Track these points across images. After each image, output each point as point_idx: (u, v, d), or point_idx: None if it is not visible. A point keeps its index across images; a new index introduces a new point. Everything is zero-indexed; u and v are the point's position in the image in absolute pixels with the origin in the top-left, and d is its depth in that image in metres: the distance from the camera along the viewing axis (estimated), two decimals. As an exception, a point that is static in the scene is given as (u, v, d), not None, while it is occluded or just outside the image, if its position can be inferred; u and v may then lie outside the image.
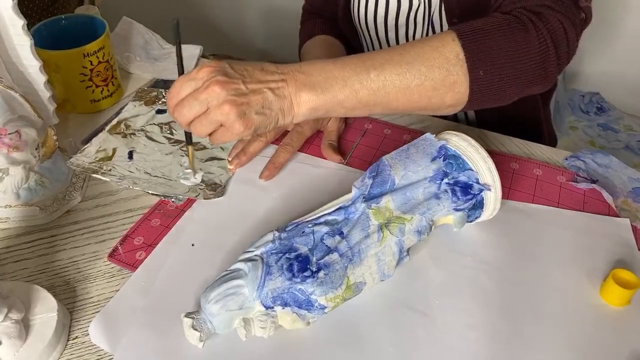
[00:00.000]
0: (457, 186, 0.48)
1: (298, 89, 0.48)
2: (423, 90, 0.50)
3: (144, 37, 0.83)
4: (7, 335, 0.41)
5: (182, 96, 0.47)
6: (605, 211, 0.56)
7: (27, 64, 0.54)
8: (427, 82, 0.49)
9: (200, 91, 0.46)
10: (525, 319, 0.46)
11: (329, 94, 0.49)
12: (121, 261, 0.50)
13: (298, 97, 0.48)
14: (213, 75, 0.46)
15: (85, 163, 0.58)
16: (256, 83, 0.48)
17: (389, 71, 0.49)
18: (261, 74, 0.48)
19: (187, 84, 0.47)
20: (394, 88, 0.49)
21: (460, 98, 0.51)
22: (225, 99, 0.46)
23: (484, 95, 0.51)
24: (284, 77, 0.48)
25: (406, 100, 0.50)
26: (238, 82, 0.47)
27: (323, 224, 0.47)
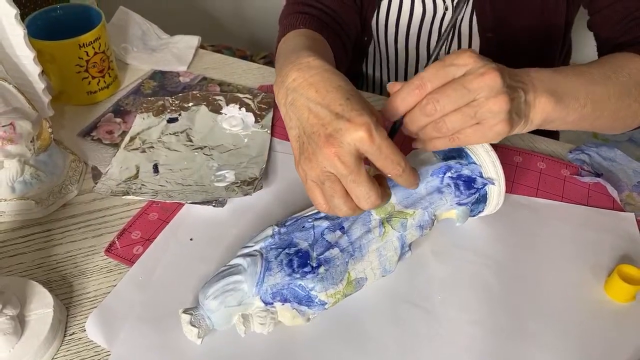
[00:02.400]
0: (460, 180, 0.48)
1: (538, 94, 0.43)
2: (629, 112, 0.50)
3: (141, 28, 0.81)
4: (3, 332, 0.40)
5: (437, 85, 0.40)
6: (610, 205, 0.55)
7: (20, 54, 0.53)
8: (636, 105, 0.50)
9: (471, 79, 0.39)
10: (528, 314, 0.45)
11: (563, 103, 0.45)
12: (118, 256, 0.50)
13: (537, 104, 0.44)
14: (485, 62, 0.40)
15: (113, 186, 0.55)
16: (514, 79, 0.42)
17: (609, 89, 0.48)
18: (510, 71, 0.42)
19: (444, 70, 0.40)
20: (609, 105, 0.48)
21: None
22: (500, 90, 0.40)
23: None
24: (524, 80, 0.43)
25: (612, 118, 0.50)
26: (505, 73, 0.41)
27: (323, 219, 0.46)
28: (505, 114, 0.40)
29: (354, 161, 0.38)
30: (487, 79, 0.39)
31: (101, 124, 0.65)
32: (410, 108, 0.42)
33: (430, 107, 0.40)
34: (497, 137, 0.42)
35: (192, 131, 0.63)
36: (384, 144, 0.38)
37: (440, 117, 0.41)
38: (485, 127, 0.41)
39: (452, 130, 0.41)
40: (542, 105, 0.44)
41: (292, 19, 0.64)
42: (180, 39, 0.80)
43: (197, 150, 0.61)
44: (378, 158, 0.39)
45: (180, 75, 0.74)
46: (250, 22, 1.63)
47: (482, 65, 0.40)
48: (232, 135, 0.63)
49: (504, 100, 0.40)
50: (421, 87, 0.40)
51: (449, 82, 0.40)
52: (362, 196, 0.39)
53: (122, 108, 0.68)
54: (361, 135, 0.37)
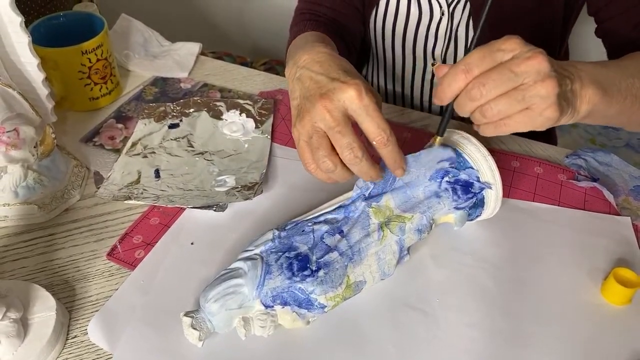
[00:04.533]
0: (457, 184, 0.48)
1: (584, 84, 0.42)
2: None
3: (143, 35, 0.82)
4: (6, 335, 0.41)
5: (483, 69, 0.39)
6: (606, 209, 0.56)
7: (25, 61, 0.54)
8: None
9: (518, 63, 0.38)
10: (526, 317, 0.46)
11: (607, 94, 0.44)
12: (120, 260, 0.50)
13: (583, 94, 0.42)
14: (531, 47, 0.39)
15: (115, 191, 0.56)
16: (560, 67, 0.41)
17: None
18: (556, 62, 0.41)
19: (491, 55, 0.39)
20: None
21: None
22: (549, 74, 0.39)
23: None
24: (569, 69, 0.42)
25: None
26: (551, 60, 0.40)
27: (323, 223, 0.47)
28: (555, 98, 0.39)
29: (341, 116, 0.42)
30: (535, 63, 0.38)
31: (103, 130, 0.66)
32: (457, 93, 0.41)
33: (476, 91, 0.39)
34: (546, 122, 0.40)
35: (193, 137, 0.64)
36: (371, 106, 0.41)
37: (487, 102, 0.39)
38: (535, 112, 0.40)
39: (499, 115, 0.40)
40: (590, 96, 0.43)
41: (301, 25, 0.68)
42: (182, 46, 0.81)
43: (198, 155, 0.61)
44: (364, 119, 0.41)
45: (181, 82, 0.75)
46: (251, 30, 1.64)
47: (529, 49, 0.39)
48: (232, 141, 0.63)
49: (553, 83, 0.39)
50: (467, 72, 0.39)
51: (495, 66, 0.39)
52: (345, 146, 0.41)
53: (124, 114, 0.69)
54: (351, 93, 0.41)
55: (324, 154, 0.43)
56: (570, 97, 0.42)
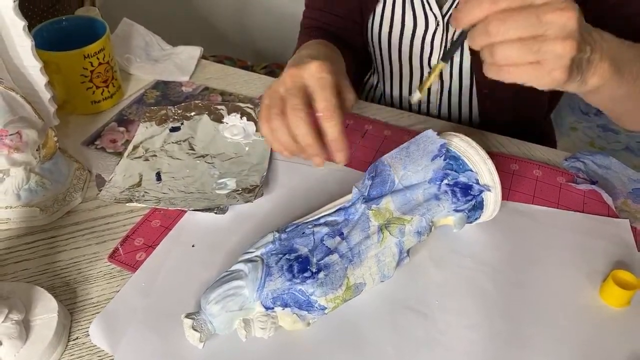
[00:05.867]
0: (457, 187, 0.48)
1: (603, 57, 0.41)
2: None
3: (144, 39, 0.83)
4: (8, 336, 0.41)
5: (511, 5, 0.37)
6: (605, 212, 0.56)
7: (28, 65, 0.54)
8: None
9: (548, 10, 0.36)
10: (525, 319, 0.46)
11: (620, 73, 0.43)
12: (121, 262, 0.51)
13: (599, 67, 0.41)
14: (566, 1, 0.37)
15: (117, 193, 0.56)
16: (586, 32, 0.39)
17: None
18: (587, 26, 0.40)
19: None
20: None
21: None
22: (572, 34, 0.37)
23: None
24: (594, 38, 0.41)
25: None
26: (582, 20, 0.38)
27: (323, 225, 0.47)
28: (568, 61, 0.37)
29: (298, 84, 0.46)
30: (565, 16, 0.36)
31: (105, 133, 0.66)
32: (475, 21, 0.38)
33: (494, 26, 0.37)
34: (551, 83, 0.39)
35: (194, 140, 0.64)
36: (325, 82, 0.45)
37: (500, 42, 0.37)
38: (544, 69, 0.38)
39: (507, 61, 0.38)
40: (602, 70, 0.41)
41: (307, 37, 0.71)
42: (183, 50, 0.82)
43: (199, 158, 0.62)
44: (316, 90, 0.45)
45: (182, 85, 0.75)
46: (252, 34, 1.65)
47: (562, 1, 0.37)
48: (233, 144, 0.64)
49: (572, 45, 0.37)
50: (493, 3, 0.37)
51: (524, 6, 0.37)
52: (291, 106, 0.45)
53: (125, 117, 0.69)
54: (312, 68, 0.46)
55: (275, 112, 0.46)
56: (585, 65, 0.40)
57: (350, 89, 0.51)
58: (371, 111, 0.70)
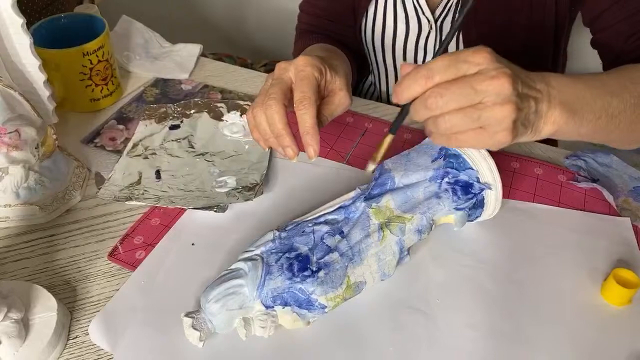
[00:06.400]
0: (457, 185, 0.48)
1: (552, 106, 0.41)
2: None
3: (143, 36, 0.82)
4: (7, 335, 0.41)
5: (445, 78, 0.38)
6: (606, 210, 0.56)
7: (26, 62, 0.54)
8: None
9: (480, 80, 0.37)
10: (526, 318, 0.46)
11: (577, 116, 0.43)
12: (121, 260, 0.50)
13: (549, 116, 0.42)
14: (499, 65, 0.38)
15: (116, 192, 0.56)
16: (527, 87, 0.40)
17: (627, 100, 0.46)
18: (526, 77, 0.40)
19: (456, 65, 0.38)
20: (625, 118, 0.46)
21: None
22: (509, 98, 0.38)
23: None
24: (539, 88, 0.41)
25: (627, 130, 0.48)
26: (518, 81, 0.39)
27: (323, 224, 0.47)
28: (509, 124, 0.38)
29: (283, 77, 0.48)
30: (497, 84, 0.37)
31: (104, 131, 0.66)
32: (415, 96, 0.40)
33: (432, 100, 0.38)
34: (498, 145, 0.40)
35: (193, 138, 0.64)
36: (305, 74, 0.46)
37: (441, 114, 0.39)
38: (488, 133, 0.39)
39: (452, 130, 0.39)
40: (555, 118, 0.42)
41: (306, 40, 0.72)
42: (182, 47, 0.81)
43: (199, 156, 0.62)
44: (296, 82, 0.47)
45: (182, 83, 0.75)
46: (251, 31, 1.64)
47: (496, 67, 0.38)
48: (233, 142, 0.64)
49: (510, 109, 0.38)
50: (428, 78, 0.38)
51: (458, 78, 0.38)
52: (268, 95, 0.46)
53: (124, 115, 0.69)
54: (297, 62, 0.47)
55: (258, 101, 0.48)
56: (533, 118, 0.41)
57: (344, 92, 0.50)
58: (371, 109, 0.70)
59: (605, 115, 0.45)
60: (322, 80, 0.48)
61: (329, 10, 0.74)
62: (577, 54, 0.87)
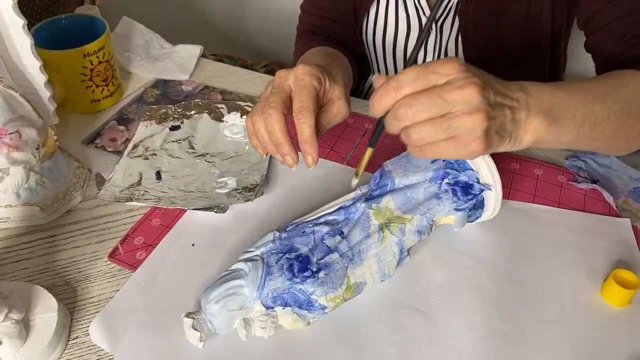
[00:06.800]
0: (457, 186, 0.48)
1: (531, 114, 0.41)
2: (631, 131, 0.49)
3: (144, 37, 0.83)
4: (8, 335, 0.41)
5: (414, 89, 0.38)
6: (606, 211, 0.56)
7: (27, 63, 0.54)
8: (638, 124, 0.48)
9: (449, 90, 0.37)
10: (526, 318, 0.46)
11: (558, 123, 0.43)
12: (121, 261, 0.50)
13: (528, 124, 0.42)
14: (468, 75, 0.38)
15: (116, 192, 0.56)
16: (501, 96, 0.40)
17: (610, 107, 0.46)
18: (500, 87, 0.40)
19: (425, 76, 0.38)
20: (609, 125, 0.46)
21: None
22: (478, 107, 0.38)
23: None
24: (517, 97, 0.41)
25: (612, 138, 0.48)
26: (489, 90, 0.39)
27: (323, 224, 0.47)
28: (481, 132, 0.38)
29: (282, 86, 0.47)
30: (465, 93, 0.37)
31: (105, 132, 0.66)
32: (387, 109, 0.40)
33: (402, 111, 0.38)
34: (471, 155, 0.40)
35: (194, 139, 0.64)
36: (304, 84, 0.46)
37: (412, 125, 0.39)
38: (460, 143, 0.39)
39: (423, 141, 0.39)
40: (534, 126, 0.42)
41: (307, 41, 0.72)
42: (183, 48, 0.81)
43: (199, 157, 0.62)
44: (295, 90, 0.47)
45: (182, 84, 0.75)
46: (252, 32, 1.64)
47: (464, 77, 0.38)
48: (233, 143, 0.64)
49: (480, 117, 0.38)
50: (397, 89, 0.38)
51: (427, 89, 0.38)
52: (268, 104, 0.46)
53: (125, 116, 0.69)
54: (297, 71, 0.47)
55: (258, 109, 0.48)
56: (510, 127, 0.41)
57: (342, 101, 0.50)
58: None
59: (588, 122, 0.45)
60: (321, 89, 0.48)
61: (330, 10, 0.74)
62: (577, 56, 0.87)
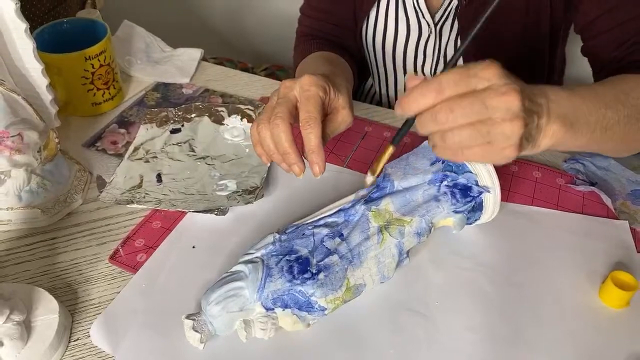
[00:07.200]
0: (456, 188, 0.49)
1: (551, 120, 0.41)
2: (638, 135, 0.49)
3: (144, 41, 0.83)
4: (9, 337, 0.41)
5: (455, 92, 0.37)
6: (604, 213, 0.56)
7: (29, 67, 0.55)
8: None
9: (491, 96, 0.37)
10: (525, 320, 0.46)
11: (573, 129, 0.43)
12: (122, 263, 0.51)
13: (548, 129, 0.42)
14: (508, 81, 0.38)
15: (117, 195, 0.56)
16: (530, 102, 0.40)
17: (620, 112, 0.47)
18: (530, 92, 0.40)
19: (467, 80, 0.38)
20: (618, 129, 0.47)
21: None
22: (517, 114, 0.38)
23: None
24: (540, 102, 0.41)
25: (620, 141, 0.49)
26: (525, 96, 0.39)
27: (323, 226, 0.47)
28: (517, 139, 0.38)
29: (288, 95, 0.48)
30: (508, 100, 0.37)
31: (106, 135, 0.67)
32: (422, 109, 0.39)
33: (442, 115, 0.38)
34: (503, 160, 0.40)
35: (194, 141, 0.64)
36: (310, 94, 0.47)
37: (450, 129, 0.38)
38: (495, 149, 0.39)
39: (459, 145, 0.39)
40: (553, 132, 0.42)
41: (307, 45, 0.72)
42: (183, 52, 0.82)
43: (200, 160, 0.62)
44: (301, 101, 0.47)
45: (183, 87, 0.76)
46: (252, 36, 1.65)
47: (505, 83, 0.38)
48: (233, 146, 0.64)
49: (519, 124, 0.38)
50: (439, 92, 0.38)
51: (468, 93, 0.38)
52: (275, 113, 0.46)
53: (126, 119, 0.70)
54: (302, 81, 0.47)
55: (264, 118, 0.48)
56: (534, 133, 0.41)
57: (347, 110, 0.50)
58: (371, 113, 0.71)
59: (600, 127, 0.46)
60: (326, 98, 0.48)
61: (330, 13, 0.75)
62: (575, 59, 0.87)
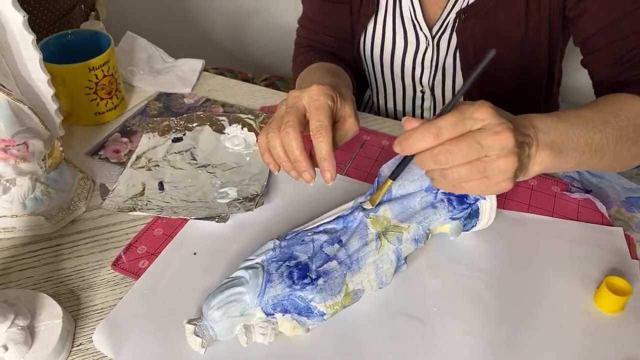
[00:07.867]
0: (452, 195, 0.50)
1: (540, 148, 0.44)
2: (628, 154, 0.52)
3: (147, 52, 0.84)
4: (14, 342, 0.42)
5: (453, 135, 0.40)
6: (599, 220, 0.57)
7: (35, 77, 0.56)
8: (635, 148, 0.51)
9: (485, 135, 0.40)
10: (521, 325, 0.47)
11: (562, 155, 0.46)
12: (124, 269, 0.51)
13: (537, 157, 0.45)
14: (500, 120, 0.40)
15: (120, 203, 0.57)
16: (521, 136, 0.43)
17: (609, 135, 0.49)
18: (519, 125, 0.43)
19: (462, 122, 0.40)
20: (608, 151, 0.49)
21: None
22: (511, 150, 0.41)
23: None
24: (529, 133, 0.44)
25: (610, 161, 0.51)
26: (517, 132, 0.42)
27: (322, 233, 0.48)
28: (512, 173, 0.41)
29: (297, 105, 0.48)
30: (502, 139, 0.40)
31: (108, 144, 0.68)
32: (421, 150, 0.42)
33: (442, 157, 0.41)
34: (499, 191, 0.43)
35: (196, 150, 0.65)
36: (319, 104, 0.47)
37: (449, 167, 0.41)
38: (491, 182, 0.42)
39: (459, 181, 0.42)
40: (542, 159, 0.45)
41: (307, 56, 0.74)
42: (185, 62, 0.83)
43: (201, 168, 0.63)
44: (310, 111, 0.48)
45: (184, 97, 0.77)
46: (252, 47, 1.67)
47: (499, 123, 0.40)
48: (234, 154, 0.65)
49: (514, 160, 0.41)
50: (437, 136, 0.40)
51: (464, 135, 0.40)
52: (285, 122, 0.47)
53: (128, 128, 0.71)
54: (311, 91, 0.48)
55: (273, 127, 0.49)
56: (526, 162, 0.44)
57: (353, 119, 0.51)
58: (369, 122, 0.72)
59: (589, 150, 0.48)
60: (334, 107, 0.50)
61: (327, 25, 0.76)
62: (572, 70, 0.89)
